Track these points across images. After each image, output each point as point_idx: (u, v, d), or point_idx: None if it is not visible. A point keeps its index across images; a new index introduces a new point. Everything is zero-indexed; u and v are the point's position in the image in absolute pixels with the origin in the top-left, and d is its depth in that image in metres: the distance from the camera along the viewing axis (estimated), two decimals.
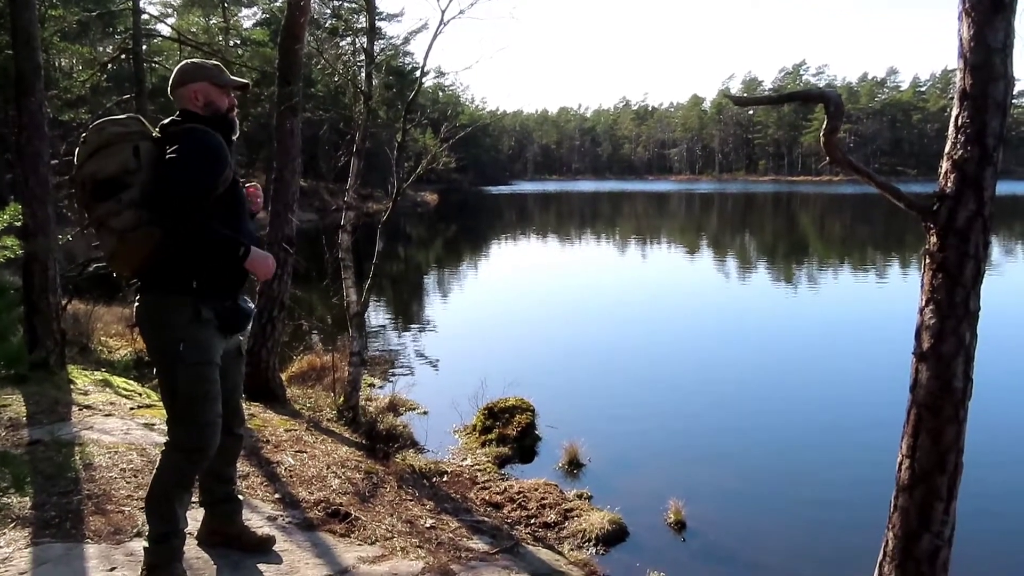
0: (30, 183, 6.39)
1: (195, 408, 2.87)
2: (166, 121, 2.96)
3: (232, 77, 3.07)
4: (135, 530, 3.42)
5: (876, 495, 3.99)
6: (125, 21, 22.73)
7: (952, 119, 2.98)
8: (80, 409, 5.50)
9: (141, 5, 17.40)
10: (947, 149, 2.99)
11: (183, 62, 3.13)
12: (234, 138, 3.06)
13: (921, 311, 3.07)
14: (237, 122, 3.09)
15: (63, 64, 29.80)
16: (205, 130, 2.89)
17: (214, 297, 2.90)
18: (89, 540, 3.33)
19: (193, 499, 3.48)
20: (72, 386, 6.18)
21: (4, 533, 3.27)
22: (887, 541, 3.23)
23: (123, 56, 18.44)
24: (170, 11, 35.49)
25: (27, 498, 3.59)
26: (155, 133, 2.92)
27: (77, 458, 4.29)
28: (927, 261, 3.05)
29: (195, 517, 3.41)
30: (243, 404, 3.34)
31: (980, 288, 2.98)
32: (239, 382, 3.24)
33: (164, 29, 26.72)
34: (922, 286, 3.08)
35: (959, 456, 3.05)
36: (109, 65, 18.85)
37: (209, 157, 2.85)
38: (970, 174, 2.90)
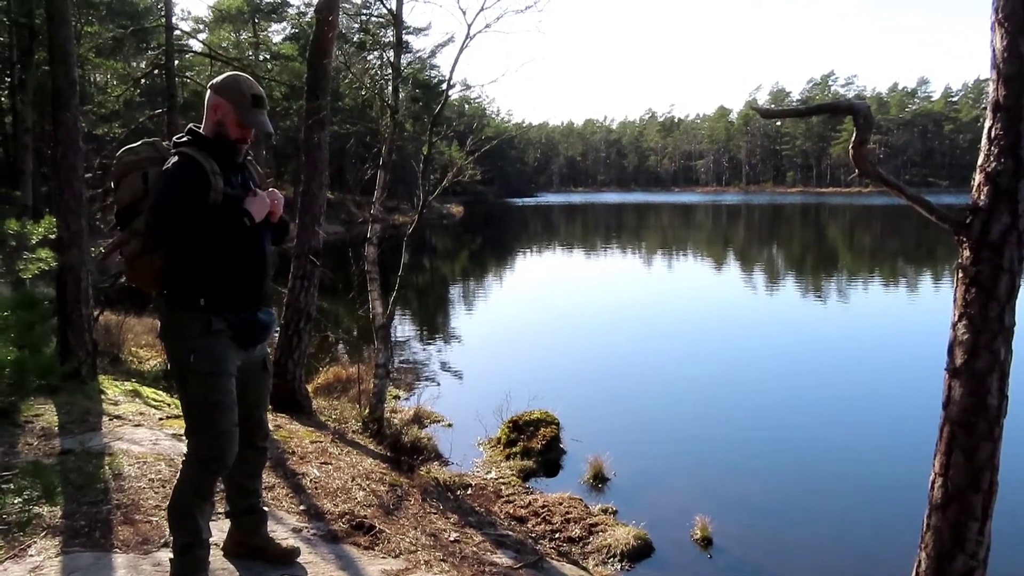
0: (64, 196, 6.52)
1: (208, 418, 2.90)
2: (177, 137, 3.01)
3: (259, 120, 2.95)
4: (163, 540, 3.44)
5: (907, 514, 3.92)
6: (158, 37, 23.17)
7: (985, 130, 2.93)
8: (110, 419, 5.57)
9: (173, 21, 17.76)
10: (980, 161, 2.94)
11: (236, 73, 3.06)
12: (238, 160, 3.00)
13: (954, 326, 3.01)
14: (242, 149, 3.00)
15: (98, 79, 30.51)
16: (181, 161, 2.85)
17: (228, 310, 2.91)
18: (118, 550, 3.36)
19: (219, 510, 3.51)
20: (103, 396, 6.27)
21: (35, 542, 3.31)
22: (919, 561, 3.16)
23: (156, 71, 18.79)
24: (201, 27, 36.13)
25: (58, 507, 3.64)
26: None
27: (107, 468, 4.34)
28: (960, 275, 2.99)
29: (221, 528, 3.43)
30: (268, 417, 3.33)
31: (1015, 303, 2.92)
32: (263, 395, 3.22)
33: (196, 45, 27.23)
34: (955, 300, 3.03)
35: (994, 474, 2.98)
36: (142, 80, 19.24)
37: (174, 193, 2.81)
38: (1004, 187, 2.85)
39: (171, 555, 2.97)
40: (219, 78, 3.02)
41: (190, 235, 2.80)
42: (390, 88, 7.97)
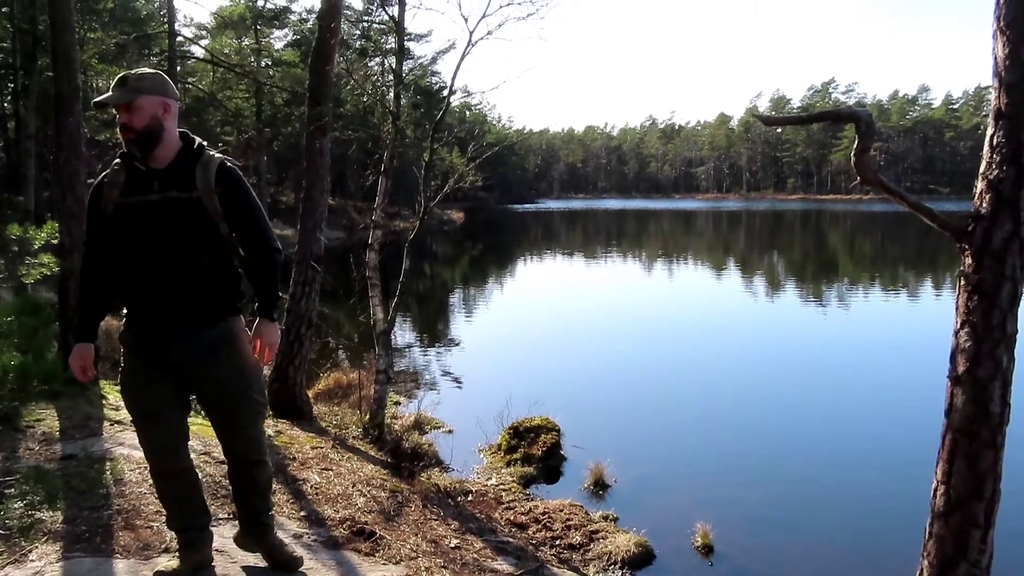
0: (67, 201, 6.52)
1: (136, 427, 2.98)
2: None
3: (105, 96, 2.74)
4: (163, 546, 3.44)
5: (909, 522, 3.90)
6: (160, 43, 23.27)
7: (987, 138, 2.94)
8: (111, 424, 5.57)
9: (176, 28, 17.81)
10: (982, 169, 2.94)
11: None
12: (135, 159, 2.76)
13: (956, 334, 3.01)
14: (127, 140, 2.73)
15: (101, 85, 30.55)
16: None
17: (137, 322, 2.88)
18: (118, 555, 3.35)
19: (219, 516, 3.51)
20: (104, 401, 6.26)
21: (36, 547, 3.31)
22: (922, 570, 3.15)
23: None
24: (204, 33, 36.22)
25: (59, 513, 3.64)
26: None
27: (108, 473, 4.33)
28: (962, 282, 2.99)
29: (223, 534, 3.42)
30: (259, 435, 3.06)
31: (1017, 310, 2.92)
32: (227, 417, 2.95)
33: (198, 51, 27.32)
34: (957, 308, 3.02)
35: (997, 482, 2.97)
36: None
37: None
38: (1006, 194, 2.85)
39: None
40: None
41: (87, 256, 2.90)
42: (392, 94, 8.00)
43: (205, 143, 2.89)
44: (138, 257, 2.77)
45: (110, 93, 2.72)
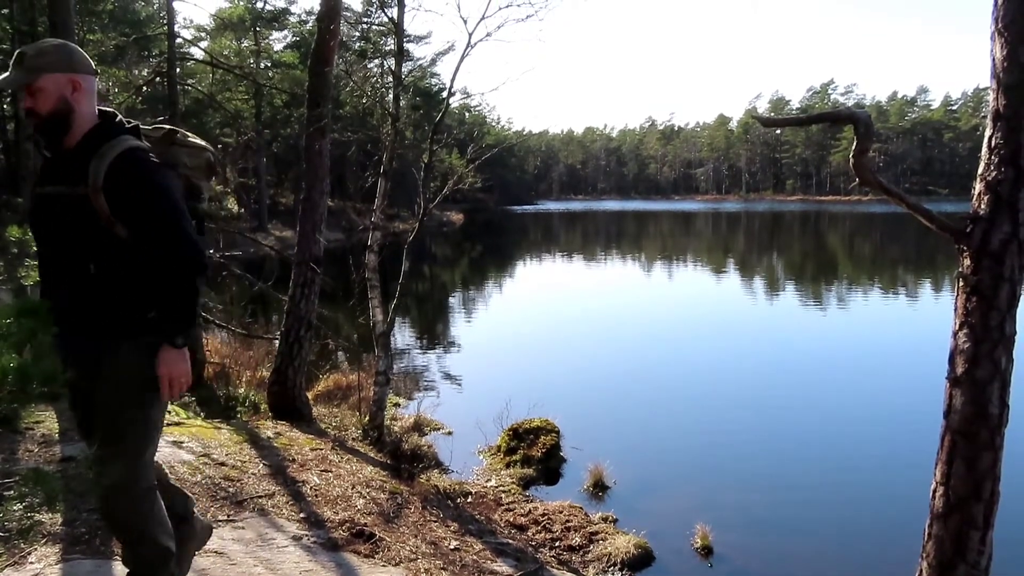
0: None
1: None
2: None
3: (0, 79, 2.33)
4: None
5: (909, 523, 3.90)
6: (160, 45, 23.29)
7: (985, 139, 2.94)
8: None
9: (175, 29, 17.82)
10: (980, 170, 2.95)
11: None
12: (44, 151, 2.43)
13: (955, 335, 3.02)
14: (32, 126, 2.41)
15: (100, 87, 30.55)
16: None
17: None
18: (117, 557, 3.35)
19: (219, 517, 3.51)
20: None
21: (36, 549, 3.31)
22: (921, 571, 3.15)
23: (158, 79, 18.89)
24: (203, 35, 36.22)
25: (58, 514, 3.63)
26: None
27: None
28: (960, 284, 3.00)
29: (221, 536, 3.43)
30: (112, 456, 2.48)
31: (1015, 311, 2.92)
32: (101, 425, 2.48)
33: (197, 52, 27.31)
34: (955, 309, 3.03)
35: (995, 484, 2.97)
36: (144, 88, 19.33)
37: None
38: (1004, 196, 2.86)
39: None
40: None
41: None
42: (391, 96, 8.00)
43: (126, 124, 2.46)
44: (40, 258, 2.45)
45: (6, 74, 2.29)
